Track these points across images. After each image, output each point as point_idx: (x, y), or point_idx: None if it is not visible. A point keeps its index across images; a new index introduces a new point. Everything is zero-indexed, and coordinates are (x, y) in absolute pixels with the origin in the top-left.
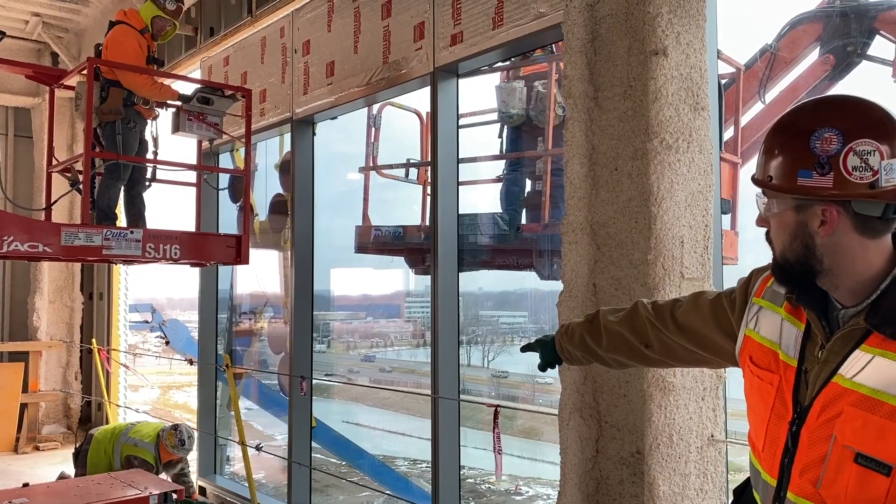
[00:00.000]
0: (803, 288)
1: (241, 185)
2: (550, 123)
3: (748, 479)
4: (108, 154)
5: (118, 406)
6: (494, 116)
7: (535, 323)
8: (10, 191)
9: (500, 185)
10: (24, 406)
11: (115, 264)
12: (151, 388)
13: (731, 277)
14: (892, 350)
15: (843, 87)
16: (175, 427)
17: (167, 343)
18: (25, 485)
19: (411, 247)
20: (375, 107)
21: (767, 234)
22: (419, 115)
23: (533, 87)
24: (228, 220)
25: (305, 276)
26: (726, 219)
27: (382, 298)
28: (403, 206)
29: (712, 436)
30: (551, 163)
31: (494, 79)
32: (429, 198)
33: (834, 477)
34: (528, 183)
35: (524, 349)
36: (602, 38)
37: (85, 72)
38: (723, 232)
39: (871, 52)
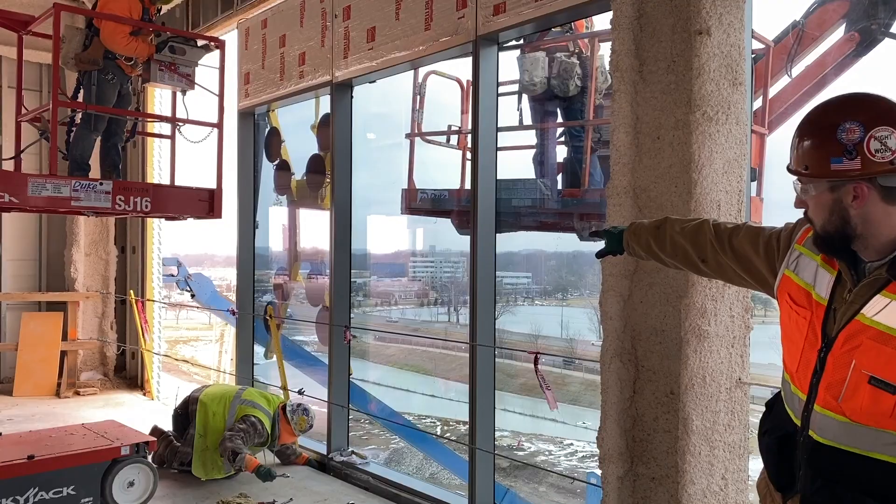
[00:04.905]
0: (842, 252)
1: (275, 143)
2: (592, 96)
3: (778, 393)
4: (75, 104)
5: (153, 354)
6: (513, 88)
7: (539, 283)
8: None
9: (525, 152)
10: (63, 353)
11: (87, 215)
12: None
13: None
14: None
15: (866, 64)
16: (306, 411)
17: (193, 296)
18: None
19: (459, 209)
20: (420, 75)
21: (805, 212)
22: (460, 82)
23: (554, 57)
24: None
25: (344, 233)
26: (753, 185)
27: (386, 258)
28: (437, 169)
29: (740, 379)
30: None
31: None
32: (469, 163)
33: (852, 394)
34: (562, 150)
35: (592, 234)
36: (648, 15)
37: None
38: (750, 198)
39: (895, 29)
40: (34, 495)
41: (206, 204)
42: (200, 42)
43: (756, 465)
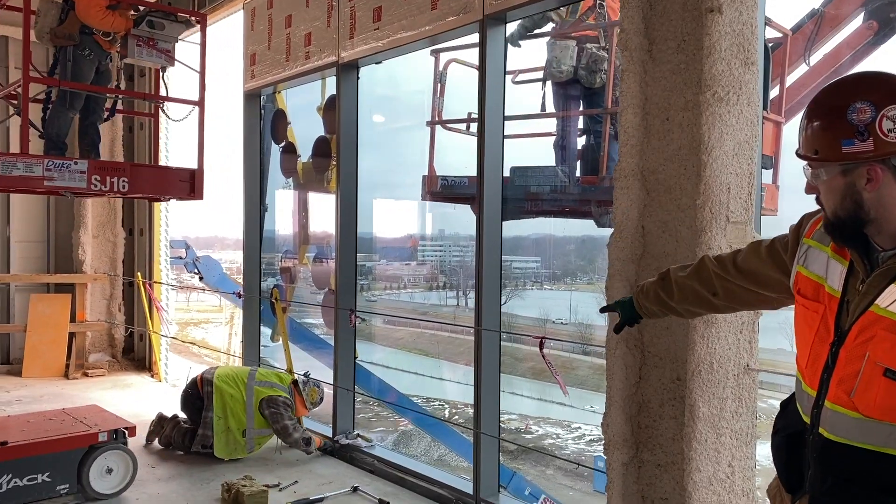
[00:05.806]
0: (853, 238)
1: (281, 126)
2: (610, 84)
3: (793, 393)
4: (49, 80)
5: (161, 336)
6: (534, 75)
7: (548, 268)
8: None
9: (540, 139)
10: (72, 335)
11: (64, 196)
12: (170, 324)
13: (772, 226)
14: None
15: (884, 52)
16: (317, 384)
17: (201, 279)
18: None
19: None
20: (441, 63)
21: (817, 198)
22: None
23: (584, 48)
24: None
25: (349, 217)
26: (768, 173)
27: (395, 241)
28: (456, 155)
29: (748, 365)
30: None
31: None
32: None
33: (865, 388)
34: (581, 138)
35: (603, 310)
36: None
37: None
38: (765, 185)
39: None
40: (7, 482)
41: (186, 185)
42: (181, 16)
43: (763, 452)
